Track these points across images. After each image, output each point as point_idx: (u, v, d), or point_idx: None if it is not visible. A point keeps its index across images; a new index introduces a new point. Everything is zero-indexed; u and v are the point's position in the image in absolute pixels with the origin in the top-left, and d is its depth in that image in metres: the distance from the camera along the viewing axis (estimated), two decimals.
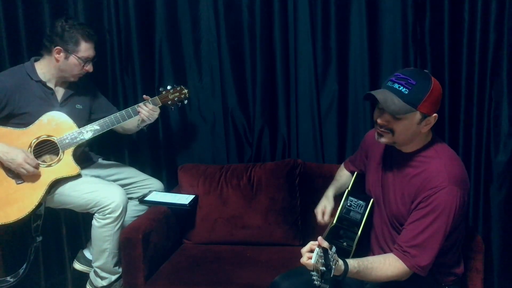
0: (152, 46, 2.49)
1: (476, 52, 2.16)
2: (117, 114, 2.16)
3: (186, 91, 2.27)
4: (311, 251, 1.31)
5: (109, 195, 2.07)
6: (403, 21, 2.23)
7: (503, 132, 2.19)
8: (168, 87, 2.24)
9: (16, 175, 2.03)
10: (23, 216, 2.01)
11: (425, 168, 1.51)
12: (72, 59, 2.11)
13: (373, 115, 2.27)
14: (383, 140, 1.53)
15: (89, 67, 2.16)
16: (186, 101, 2.28)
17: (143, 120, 2.20)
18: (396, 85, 1.46)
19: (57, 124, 2.10)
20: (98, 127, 2.13)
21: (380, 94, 1.46)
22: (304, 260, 1.32)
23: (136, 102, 2.49)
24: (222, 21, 2.40)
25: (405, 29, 2.24)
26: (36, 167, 2.02)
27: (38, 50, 2.41)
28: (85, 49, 2.12)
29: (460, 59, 2.20)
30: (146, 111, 2.16)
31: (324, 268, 1.24)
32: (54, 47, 2.09)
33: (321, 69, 2.38)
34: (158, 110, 2.21)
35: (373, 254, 1.67)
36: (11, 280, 2.16)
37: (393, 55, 2.29)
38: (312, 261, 1.26)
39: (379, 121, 1.51)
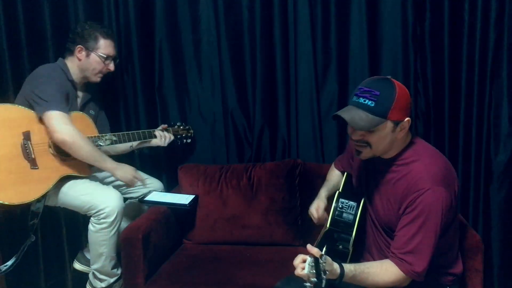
0: (152, 46, 2.49)
1: (476, 52, 2.16)
2: (134, 132, 2.29)
3: (192, 131, 2.51)
4: (304, 261, 1.31)
5: (104, 199, 2.06)
6: (403, 21, 2.24)
7: (503, 132, 2.20)
8: (178, 123, 2.48)
9: (32, 160, 2.02)
10: (26, 201, 1.98)
11: (407, 172, 1.50)
12: (93, 56, 2.16)
13: None
14: (363, 155, 1.53)
15: (111, 66, 2.22)
16: (189, 140, 2.49)
17: (147, 142, 2.35)
18: (362, 99, 1.45)
19: (82, 124, 2.14)
20: (115, 138, 2.22)
21: (346, 114, 1.45)
22: (298, 272, 1.31)
23: (136, 102, 2.50)
24: (222, 21, 2.40)
25: (405, 29, 2.24)
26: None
27: (38, 51, 2.42)
28: (105, 46, 2.18)
29: (460, 59, 2.20)
30: (162, 135, 2.34)
31: (315, 279, 1.24)
32: (75, 46, 2.15)
33: (321, 69, 2.38)
34: (173, 137, 2.40)
35: (370, 254, 1.67)
36: None
37: (393, 55, 2.29)
38: (305, 271, 1.26)
39: (353, 137, 1.50)
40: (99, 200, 2.06)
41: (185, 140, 2.48)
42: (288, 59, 2.39)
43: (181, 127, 2.47)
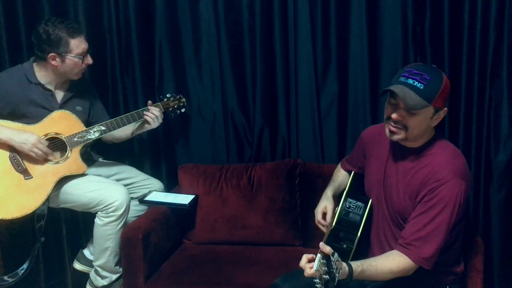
0: (152, 46, 2.49)
1: (476, 52, 2.15)
2: (123, 116, 2.18)
3: (184, 99, 2.41)
4: (310, 261, 1.30)
5: (113, 194, 2.07)
6: (403, 21, 2.23)
7: (503, 132, 2.19)
8: (168, 95, 2.37)
9: (25, 170, 2.02)
10: (29, 212, 2.00)
11: (429, 162, 1.52)
12: (69, 60, 2.08)
13: (373, 115, 2.31)
14: (396, 137, 1.52)
15: (88, 60, 2.15)
16: (183, 110, 2.41)
17: (142, 126, 2.24)
18: (410, 81, 1.46)
19: (66, 122, 2.11)
20: (104, 128, 2.16)
21: (399, 89, 1.45)
22: (307, 272, 1.31)
23: (136, 102, 2.50)
24: (222, 21, 2.40)
25: (405, 29, 2.23)
26: (48, 151, 2.02)
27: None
28: (76, 45, 2.08)
29: (460, 59, 2.20)
30: (153, 116, 2.21)
31: (327, 277, 1.22)
32: (47, 55, 2.05)
33: (321, 69, 2.38)
34: (162, 116, 2.28)
35: (373, 254, 1.66)
36: (9, 280, 2.15)
37: (393, 55, 2.29)
38: (314, 267, 1.25)
39: (394, 116, 1.49)
40: (107, 194, 2.07)
41: (178, 111, 2.39)
42: (288, 59, 2.39)
43: (171, 99, 2.37)
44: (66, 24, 2.06)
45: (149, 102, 2.27)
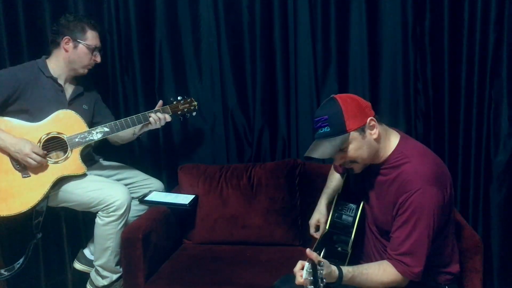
0: (152, 46, 2.49)
1: (476, 52, 2.16)
2: (128, 118, 2.18)
3: (195, 103, 2.33)
4: (303, 268, 1.31)
5: (113, 193, 2.08)
6: (403, 21, 2.24)
7: (503, 132, 2.20)
8: (179, 98, 2.31)
9: (23, 168, 2.03)
10: (25, 210, 2.01)
11: (398, 174, 1.52)
12: (81, 47, 2.15)
13: None
14: (356, 171, 1.58)
15: (97, 57, 2.21)
16: (194, 113, 2.34)
17: (147, 126, 2.22)
18: (320, 130, 1.52)
19: (69, 122, 2.12)
20: (108, 129, 2.15)
21: (314, 152, 1.51)
22: (298, 280, 1.32)
23: (136, 102, 2.50)
24: (222, 21, 2.40)
25: (405, 29, 2.24)
26: (43, 157, 2.02)
27: (38, 50, 2.42)
28: (92, 37, 2.17)
29: (460, 59, 2.20)
30: (156, 119, 2.19)
31: (312, 286, 1.23)
32: (62, 38, 2.13)
33: (321, 69, 2.38)
34: (169, 119, 2.25)
35: (370, 260, 1.66)
36: (5, 273, 2.16)
37: (393, 55, 2.30)
38: (303, 276, 1.26)
39: (336, 163, 1.62)
40: (108, 194, 2.07)
41: (188, 115, 2.34)
42: (288, 59, 2.39)
43: (181, 102, 2.30)
44: (87, 18, 2.21)
45: (160, 102, 2.27)
